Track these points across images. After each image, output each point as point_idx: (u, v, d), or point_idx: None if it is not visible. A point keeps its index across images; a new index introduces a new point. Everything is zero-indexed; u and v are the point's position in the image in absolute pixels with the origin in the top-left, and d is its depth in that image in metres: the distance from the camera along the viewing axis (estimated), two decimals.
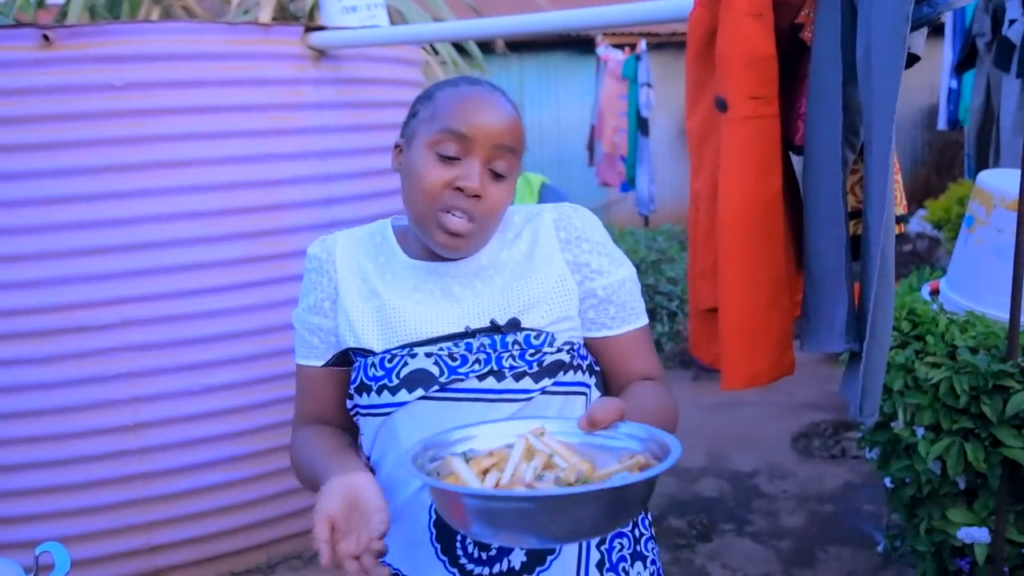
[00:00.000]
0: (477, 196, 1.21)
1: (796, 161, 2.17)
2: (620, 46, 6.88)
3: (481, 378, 1.23)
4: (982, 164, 4.46)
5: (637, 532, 1.37)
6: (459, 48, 5.88)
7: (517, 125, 1.26)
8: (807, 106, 1.96)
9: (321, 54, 3.40)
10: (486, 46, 6.82)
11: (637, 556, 1.35)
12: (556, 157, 9.17)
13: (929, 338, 2.47)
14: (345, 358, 1.32)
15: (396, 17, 5.15)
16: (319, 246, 1.37)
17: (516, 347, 1.24)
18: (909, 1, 1.61)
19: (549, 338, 1.25)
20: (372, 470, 1.33)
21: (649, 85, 5.96)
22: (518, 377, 1.23)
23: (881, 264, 1.74)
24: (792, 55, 2.02)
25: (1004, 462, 2.33)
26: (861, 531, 3.54)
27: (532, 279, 1.27)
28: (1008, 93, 3.97)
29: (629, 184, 6.34)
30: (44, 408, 3.10)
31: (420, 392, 1.23)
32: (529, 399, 1.23)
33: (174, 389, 3.24)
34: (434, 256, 1.30)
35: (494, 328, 1.25)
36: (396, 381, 1.24)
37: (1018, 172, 2.67)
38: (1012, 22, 3.90)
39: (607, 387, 1.38)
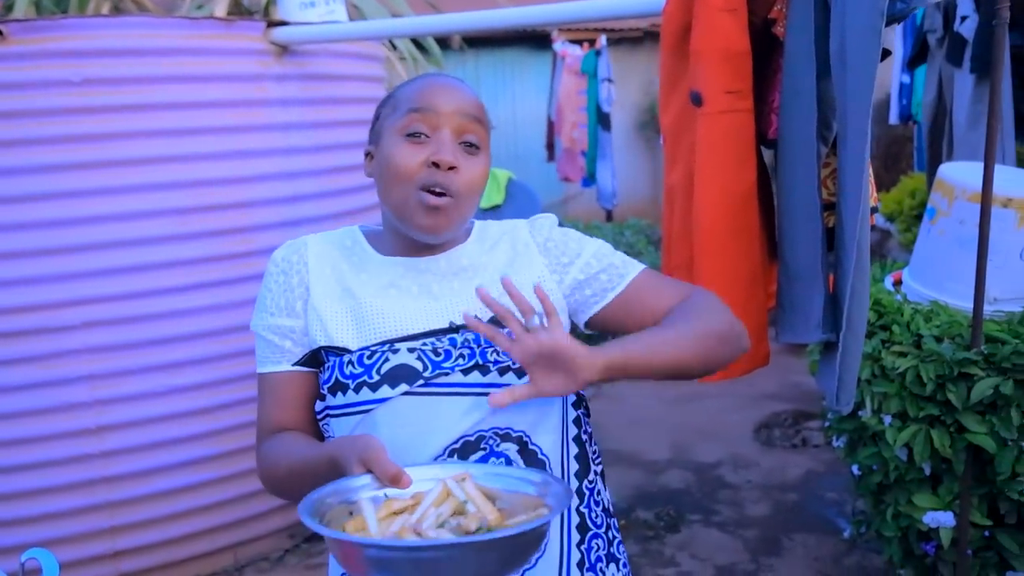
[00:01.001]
0: (453, 168, 1.22)
1: (766, 155, 2.20)
2: (578, 42, 6.91)
3: (466, 372, 1.22)
4: (935, 158, 4.56)
5: (610, 535, 1.37)
6: (417, 44, 5.86)
7: (478, 103, 1.29)
8: (780, 101, 1.99)
9: (284, 50, 3.37)
10: (443, 42, 6.80)
11: (611, 558, 1.36)
12: (513, 153, 9.17)
13: (895, 328, 2.53)
14: (314, 359, 1.29)
15: (354, 13, 5.11)
16: (287, 249, 1.35)
17: None
18: None
19: None
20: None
21: (610, 80, 6.00)
22: (503, 372, 1.23)
23: (857, 256, 1.78)
24: (763, 50, 2.05)
25: (968, 448, 2.40)
26: (825, 518, 3.61)
27: (515, 282, 1.23)
28: (961, 88, 4.06)
29: (590, 179, 6.37)
30: (2, 412, 3.02)
31: (403, 387, 1.21)
32: None
33: (138, 391, 3.18)
34: (411, 253, 1.30)
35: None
36: (376, 377, 1.22)
37: (979, 166, 2.74)
38: (964, 19, 3.99)
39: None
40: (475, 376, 1.22)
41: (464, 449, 1.22)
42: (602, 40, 6.15)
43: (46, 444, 3.08)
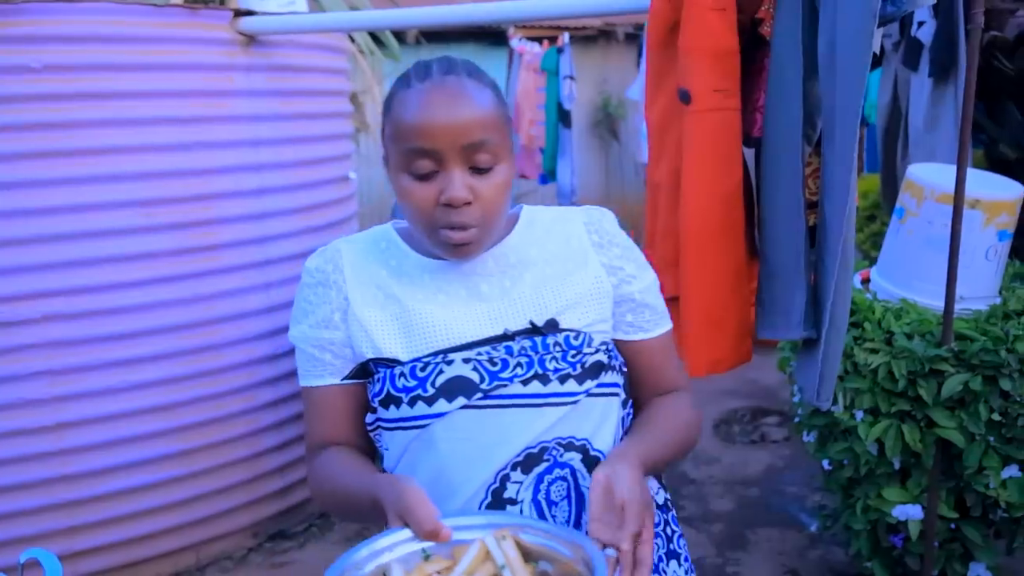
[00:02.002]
0: (468, 203, 1.13)
1: (747, 154, 2.22)
2: (536, 39, 6.92)
3: (525, 382, 1.17)
4: (889, 159, 4.66)
5: (669, 530, 1.34)
6: (374, 37, 5.81)
7: (484, 109, 1.14)
8: (766, 100, 2.01)
9: (251, 40, 3.31)
10: (399, 36, 6.74)
11: (672, 555, 1.33)
12: None
13: (867, 325, 2.57)
14: (363, 371, 1.24)
15: (312, 4, 5.04)
16: (320, 258, 1.28)
17: (557, 348, 1.19)
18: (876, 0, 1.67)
19: (587, 339, 1.21)
20: None
21: (572, 78, 6.01)
22: (563, 379, 1.18)
23: (843, 254, 1.81)
24: (749, 49, 2.07)
25: (937, 442, 2.45)
26: (787, 513, 3.67)
27: (569, 280, 1.23)
28: (918, 92, 4.16)
29: (548, 176, 6.39)
30: None
31: (461, 401, 1.16)
32: (575, 402, 1.19)
33: (98, 387, 3.10)
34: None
35: (533, 330, 1.20)
36: (432, 391, 1.17)
37: (947, 167, 2.80)
38: (921, 24, 4.08)
39: (637, 393, 1.33)
40: (535, 386, 1.17)
41: (527, 462, 1.18)
42: (564, 37, 6.17)
43: (2, 441, 2.99)
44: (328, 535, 3.61)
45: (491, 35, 8.75)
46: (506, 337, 1.20)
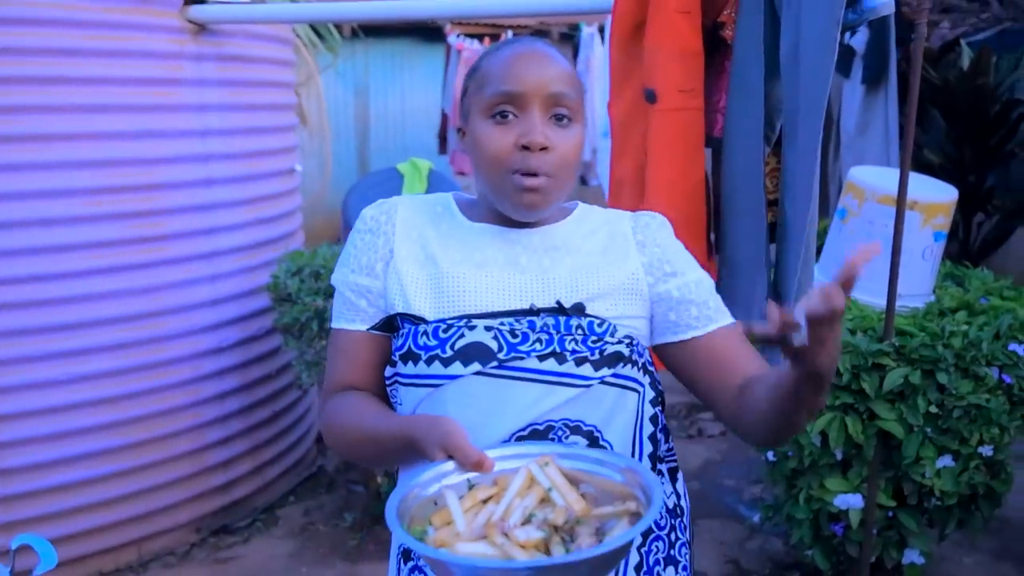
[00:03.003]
0: (544, 148, 1.17)
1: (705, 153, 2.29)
2: (475, 36, 6.94)
3: (542, 358, 1.19)
4: (821, 163, 4.82)
5: (673, 536, 1.33)
6: (316, 30, 5.77)
7: (568, 71, 1.22)
8: (728, 101, 2.08)
9: (201, 28, 3.26)
10: (339, 29, 6.69)
11: (670, 560, 1.32)
12: (401, 144, 9.12)
13: None
14: (390, 324, 1.27)
15: None
16: (376, 208, 1.32)
17: (579, 332, 1.21)
18: (840, 6, 1.75)
19: (611, 328, 1.22)
20: None
21: None
22: (579, 362, 1.20)
23: (805, 251, 1.89)
24: (709, 52, 2.14)
25: (878, 433, 2.57)
26: (726, 505, 3.77)
27: (604, 271, 1.25)
28: (850, 97, 4.32)
29: None
30: None
31: (476, 367, 1.19)
32: (588, 387, 1.20)
33: (40, 378, 3.02)
34: (505, 223, 1.26)
35: (559, 309, 1.22)
36: (450, 352, 1.19)
37: (887, 170, 2.93)
38: (854, 32, 4.24)
39: (710, 390, 1.27)
40: (551, 364, 1.19)
41: (531, 438, 1.19)
42: (508, 35, 6.22)
43: None
44: (273, 530, 3.58)
45: (427, 31, 8.74)
46: (531, 312, 1.22)
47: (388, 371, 1.29)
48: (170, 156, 3.23)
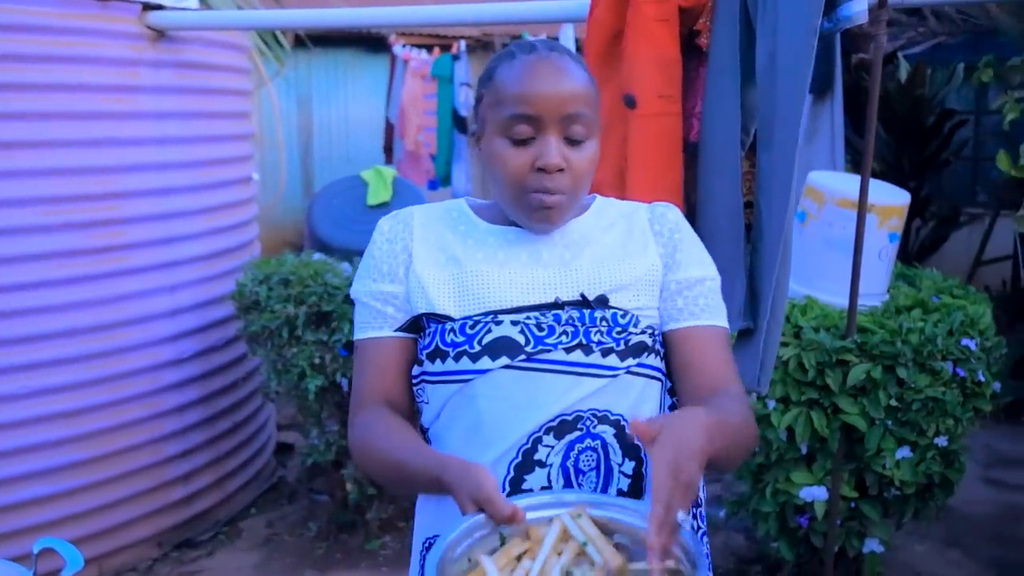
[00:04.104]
0: (561, 170, 1.20)
1: None
2: (421, 46, 6.95)
3: (569, 350, 1.22)
4: None
5: (695, 524, 1.34)
6: (263, 39, 5.73)
7: (583, 85, 1.23)
8: (704, 106, 2.14)
9: (160, 35, 3.22)
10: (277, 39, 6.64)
11: None
12: (345, 154, 9.06)
13: None
14: (415, 326, 1.29)
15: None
16: (392, 219, 1.34)
17: (604, 323, 1.23)
18: (817, 16, 1.82)
19: (634, 319, 1.26)
20: (427, 441, 1.31)
21: (468, 85, 6.09)
22: (605, 353, 1.23)
23: (783, 251, 1.95)
24: (685, 59, 2.20)
25: (841, 427, 2.66)
26: None
27: (624, 264, 1.28)
28: None
29: (440, 182, 6.44)
30: None
31: (504, 360, 1.21)
32: (615, 376, 1.23)
33: None
34: (523, 224, 1.29)
35: (583, 302, 1.25)
36: (478, 348, 1.22)
37: (845, 175, 3.04)
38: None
39: (683, 387, 1.30)
40: (578, 355, 1.22)
41: (560, 428, 1.21)
42: (461, 45, 6.25)
43: None
44: (237, 542, 3.53)
45: (371, 41, 8.71)
46: (556, 305, 1.24)
47: (415, 371, 1.30)
48: (127, 165, 3.19)
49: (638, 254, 1.30)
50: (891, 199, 2.87)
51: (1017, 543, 3.52)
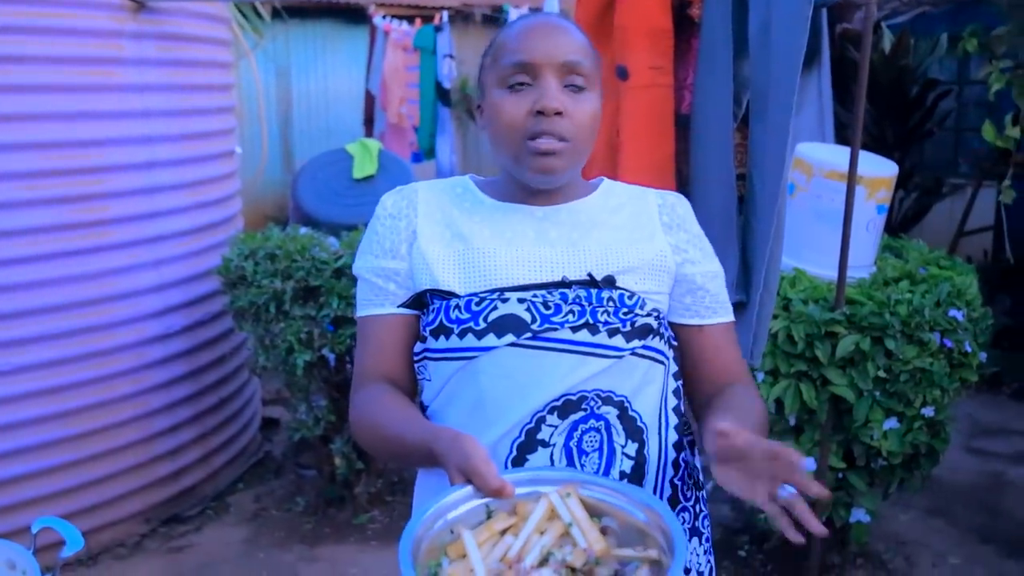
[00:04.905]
0: (559, 113, 1.19)
1: None
2: (404, 17, 6.87)
3: (575, 329, 1.21)
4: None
5: (698, 508, 1.36)
6: (241, 11, 5.65)
7: (583, 41, 1.25)
8: (696, 78, 2.13)
9: (140, 6, 3.17)
10: (255, 11, 6.56)
11: (695, 532, 1.35)
12: (324, 127, 8.99)
13: None
14: (418, 302, 1.28)
15: None
16: (396, 195, 1.33)
17: (611, 303, 1.23)
18: None
19: (640, 301, 1.25)
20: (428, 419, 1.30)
21: (451, 56, 6.03)
22: (611, 333, 1.22)
23: (776, 222, 1.95)
24: (677, 31, 2.19)
25: (830, 399, 2.68)
26: None
27: (632, 248, 1.27)
28: None
29: (424, 155, 6.39)
30: None
31: (510, 338, 1.20)
32: (620, 357, 1.23)
33: None
34: (530, 200, 1.28)
35: (591, 282, 1.24)
36: (483, 325, 1.21)
37: (834, 147, 3.04)
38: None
39: (691, 378, 1.35)
40: (583, 335, 1.21)
41: (565, 408, 1.21)
42: (444, 16, 6.18)
43: None
44: (225, 517, 3.53)
45: (350, 13, 8.62)
46: (563, 284, 1.24)
47: (417, 347, 1.29)
48: (111, 138, 3.14)
49: (645, 239, 1.30)
50: (879, 171, 2.88)
51: (999, 511, 3.57)
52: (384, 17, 6.97)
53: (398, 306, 1.29)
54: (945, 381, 2.70)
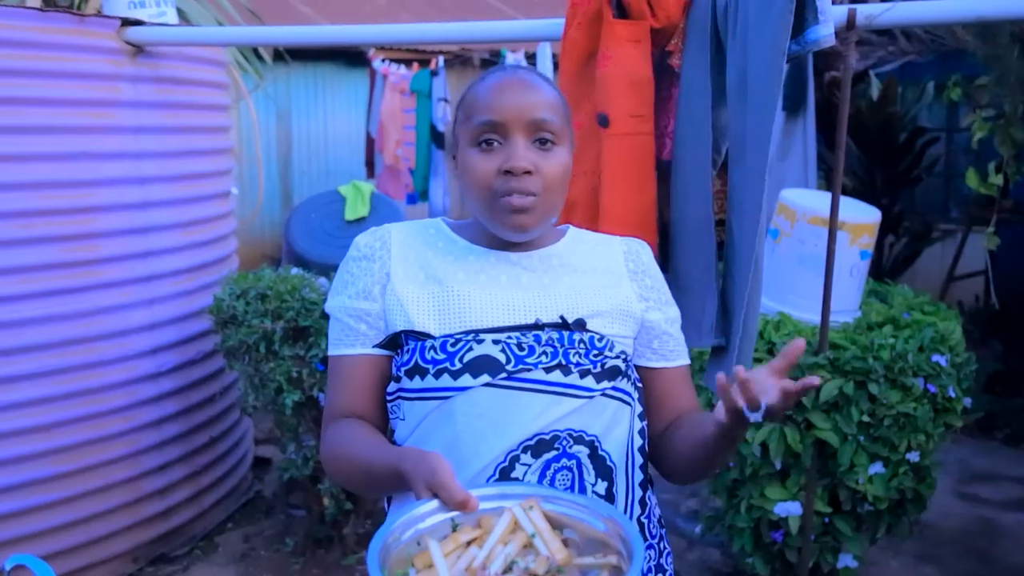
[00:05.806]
0: (528, 172, 1.23)
1: None
2: (400, 61, 6.99)
3: (548, 370, 1.24)
4: None
5: (662, 545, 1.40)
6: (242, 54, 5.73)
7: (551, 97, 1.28)
8: (677, 126, 2.18)
9: (138, 50, 3.23)
10: (257, 54, 6.65)
11: (659, 569, 1.38)
12: (324, 169, 9.07)
13: None
14: (393, 343, 1.30)
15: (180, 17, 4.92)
16: (370, 235, 1.36)
17: (582, 345, 1.26)
18: (785, 39, 1.86)
19: (609, 343, 1.29)
20: None
21: (446, 100, 6.12)
22: (583, 374, 1.25)
23: (754, 268, 1.98)
24: (657, 79, 2.23)
25: (814, 443, 2.69)
26: (664, 518, 3.86)
27: (601, 293, 1.31)
28: None
29: (419, 196, 6.46)
30: None
31: (485, 378, 1.23)
32: (591, 397, 1.26)
33: None
34: (503, 247, 1.31)
35: (563, 324, 1.27)
36: (459, 365, 1.23)
37: (816, 193, 3.08)
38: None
39: (652, 418, 1.40)
40: (556, 375, 1.24)
41: (538, 447, 1.23)
42: (439, 60, 6.28)
43: None
44: (213, 556, 3.52)
45: (350, 55, 8.73)
46: (536, 327, 1.27)
47: (391, 387, 1.32)
48: (106, 178, 3.19)
49: (612, 285, 1.35)
50: (862, 217, 2.92)
51: (990, 558, 3.56)
52: (383, 60, 7.08)
53: (373, 346, 1.31)
54: (929, 426, 2.71)
